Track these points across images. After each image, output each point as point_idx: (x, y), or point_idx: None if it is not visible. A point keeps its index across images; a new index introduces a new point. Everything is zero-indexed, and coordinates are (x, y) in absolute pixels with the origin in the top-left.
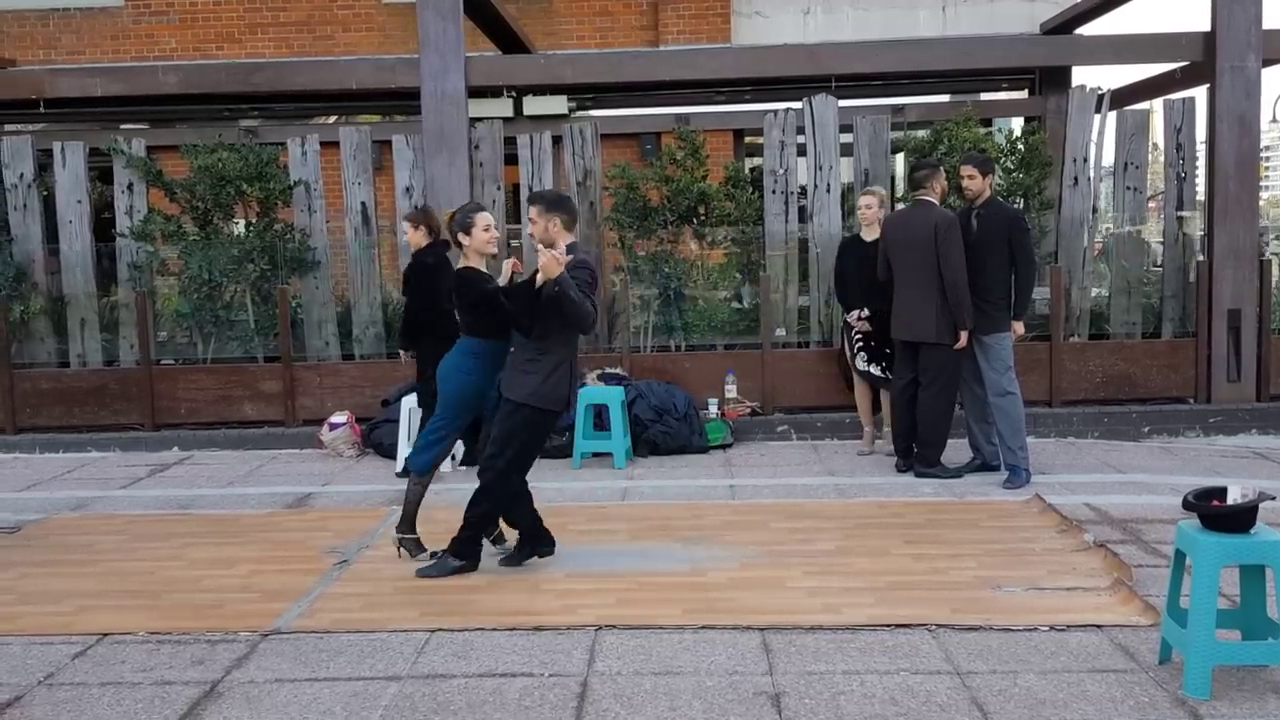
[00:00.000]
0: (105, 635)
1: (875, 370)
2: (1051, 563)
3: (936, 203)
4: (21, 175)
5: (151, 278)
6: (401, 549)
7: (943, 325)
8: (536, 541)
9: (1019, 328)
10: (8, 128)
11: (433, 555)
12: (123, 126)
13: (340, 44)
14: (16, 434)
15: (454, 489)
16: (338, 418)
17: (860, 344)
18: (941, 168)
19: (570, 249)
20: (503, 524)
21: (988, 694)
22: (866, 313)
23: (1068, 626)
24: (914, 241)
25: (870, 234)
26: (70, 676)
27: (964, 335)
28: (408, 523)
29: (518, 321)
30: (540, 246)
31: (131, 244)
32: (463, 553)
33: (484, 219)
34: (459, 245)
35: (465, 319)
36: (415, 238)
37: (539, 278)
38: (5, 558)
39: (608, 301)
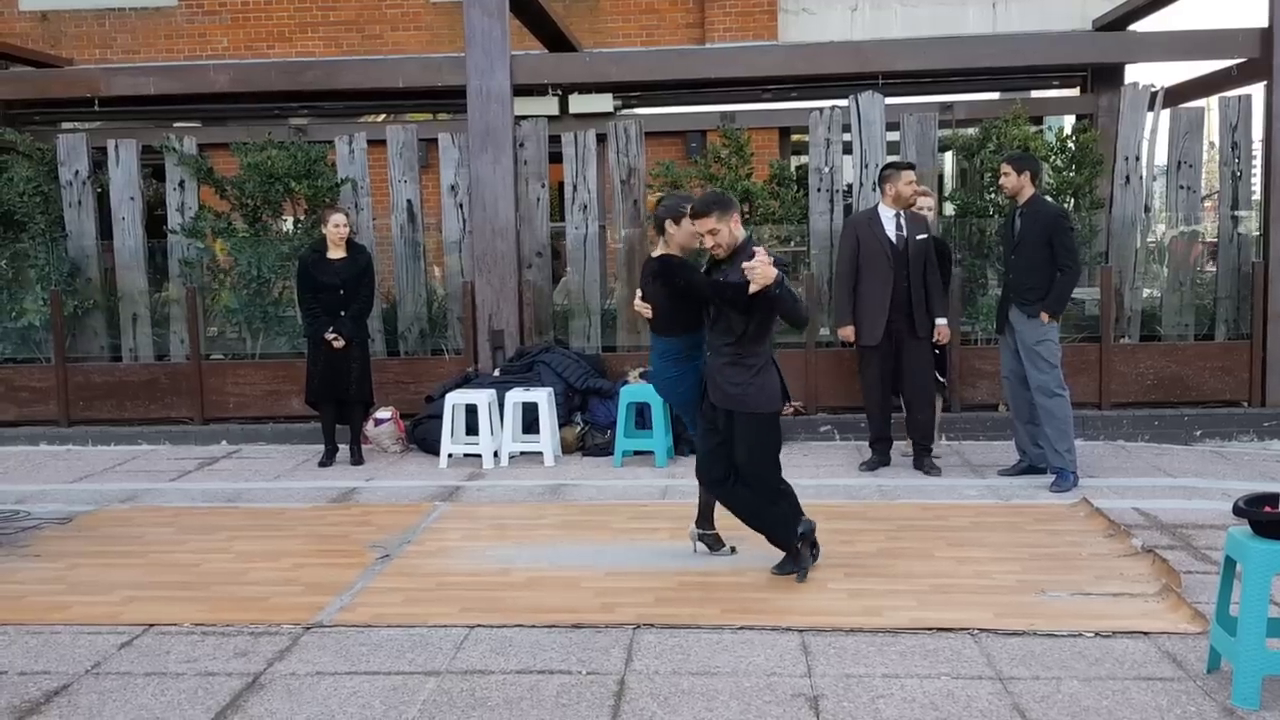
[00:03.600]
0: (151, 626)
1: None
2: (1098, 568)
3: (889, 208)
4: (77, 172)
5: (202, 274)
6: (699, 543)
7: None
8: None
9: (1044, 316)
10: (64, 126)
11: (733, 549)
12: (175, 124)
13: (388, 43)
14: (70, 426)
15: (496, 485)
16: (382, 413)
17: None
18: (903, 170)
19: (747, 244)
20: (718, 527)
21: (1030, 700)
22: (944, 320)
23: (1113, 633)
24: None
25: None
26: (116, 666)
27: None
28: (705, 519)
29: (732, 310)
30: (760, 254)
31: (183, 240)
32: (791, 551)
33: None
34: (662, 232)
35: (659, 312)
36: None
37: (753, 285)
38: (57, 548)
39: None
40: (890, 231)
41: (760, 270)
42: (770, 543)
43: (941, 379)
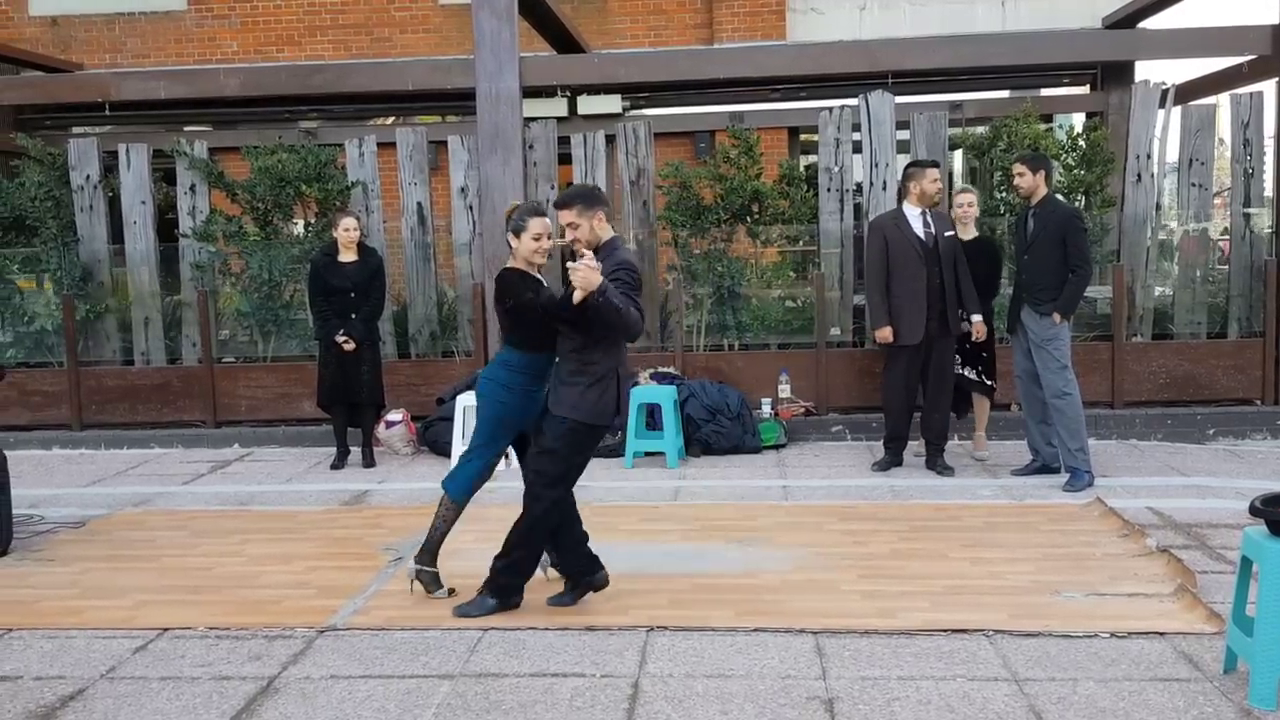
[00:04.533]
0: (165, 630)
1: (969, 373)
2: (1112, 568)
3: (914, 206)
4: (88, 177)
5: (214, 277)
6: (416, 581)
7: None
8: (586, 574)
9: (1056, 316)
10: (75, 130)
11: (450, 591)
12: (185, 128)
13: (397, 46)
14: (83, 430)
15: (505, 486)
16: (393, 416)
17: (955, 346)
18: (927, 168)
19: (610, 245)
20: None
21: (1046, 702)
22: (980, 317)
23: (1129, 633)
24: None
25: (967, 233)
26: (131, 670)
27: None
28: (429, 554)
29: (575, 330)
30: (581, 253)
31: (194, 244)
32: (501, 593)
33: (538, 225)
34: (509, 245)
35: (504, 325)
36: None
37: (577, 294)
38: (70, 552)
39: (660, 300)
40: (919, 230)
41: (581, 273)
42: (492, 566)
43: (990, 382)
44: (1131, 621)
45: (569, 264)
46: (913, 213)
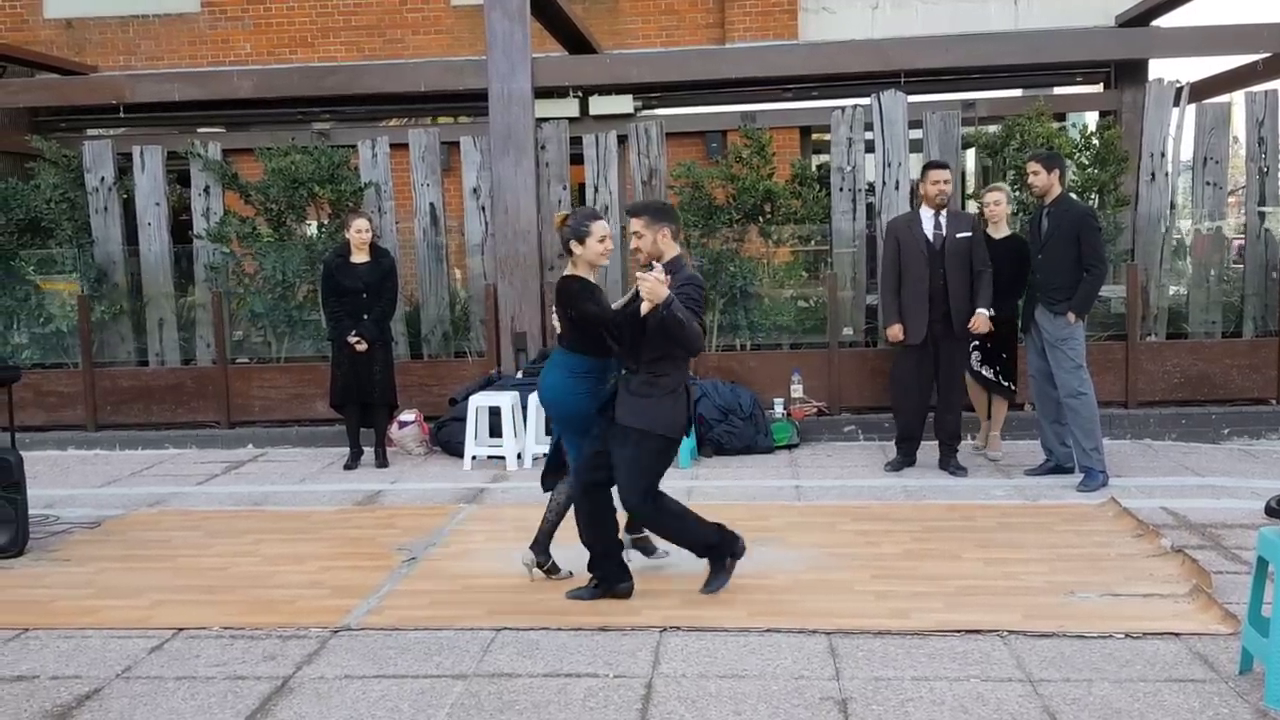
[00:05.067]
0: (180, 630)
1: (987, 372)
2: (1127, 568)
3: (927, 208)
4: (103, 179)
5: (228, 278)
6: (535, 569)
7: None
8: (614, 581)
9: (1070, 316)
10: (89, 132)
11: (569, 573)
12: (199, 130)
13: (410, 47)
14: (98, 431)
15: (518, 487)
16: (406, 416)
17: (975, 344)
18: (929, 170)
19: (674, 263)
20: (648, 530)
21: (1061, 703)
22: (990, 312)
23: (1144, 634)
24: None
25: (998, 231)
26: (146, 670)
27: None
28: (540, 544)
29: (623, 350)
30: (653, 265)
31: (208, 245)
32: (606, 580)
33: (601, 228)
34: (569, 252)
35: (567, 333)
36: None
37: (644, 305)
38: (86, 552)
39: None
40: (928, 231)
41: (649, 285)
42: (589, 562)
43: (1008, 383)
44: (1146, 622)
45: (639, 274)
46: (926, 214)
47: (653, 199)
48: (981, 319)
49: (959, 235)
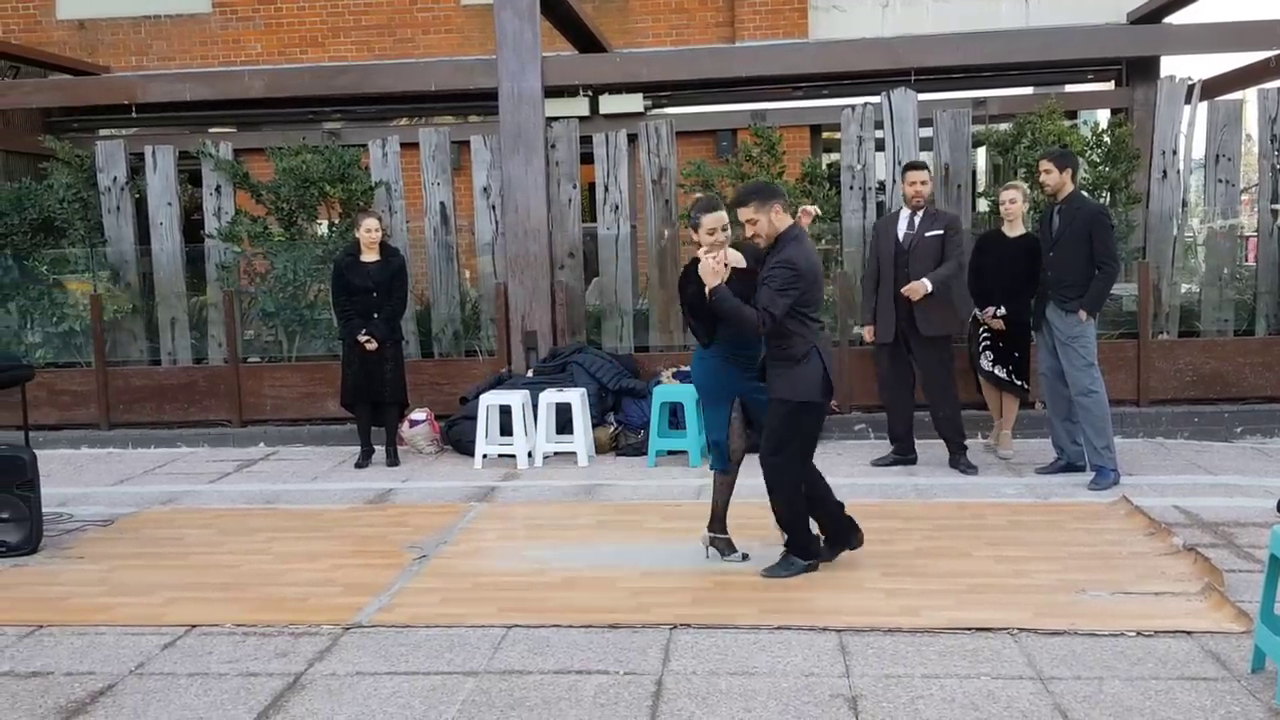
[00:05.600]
0: (193, 627)
1: (999, 372)
2: (1139, 566)
3: (907, 207)
4: (115, 178)
5: (239, 278)
6: (711, 547)
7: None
8: (841, 537)
9: (1082, 314)
10: (102, 132)
11: (744, 556)
12: (211, 130)
13: (420, 46)
14: (110, 429)
15: (528, 485)
16: (417, 414)
17: (987, 343)
18: (906, 170)
19: (784, 237)
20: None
21: (1072, 700)
22: (1002, 311)
23: (1156, 632)
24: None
25: (1013, 230)
26: (160, 666)
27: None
28: (718, 521)
29: (702, 327)
30: (718, 251)
31: (219, 245)
32: (802, 551)
33: (711, 220)
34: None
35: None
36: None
37: (707, 289)
38: (99, 550)
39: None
40: (900, 230)
41: (705, 270)
42: (785, 542)
43: (1020, 382)
44: (1158, 620)
45: (700, 254)
46: (904, 213)
47: (754, 182)
48: (918, 286)
49: (928, 234)
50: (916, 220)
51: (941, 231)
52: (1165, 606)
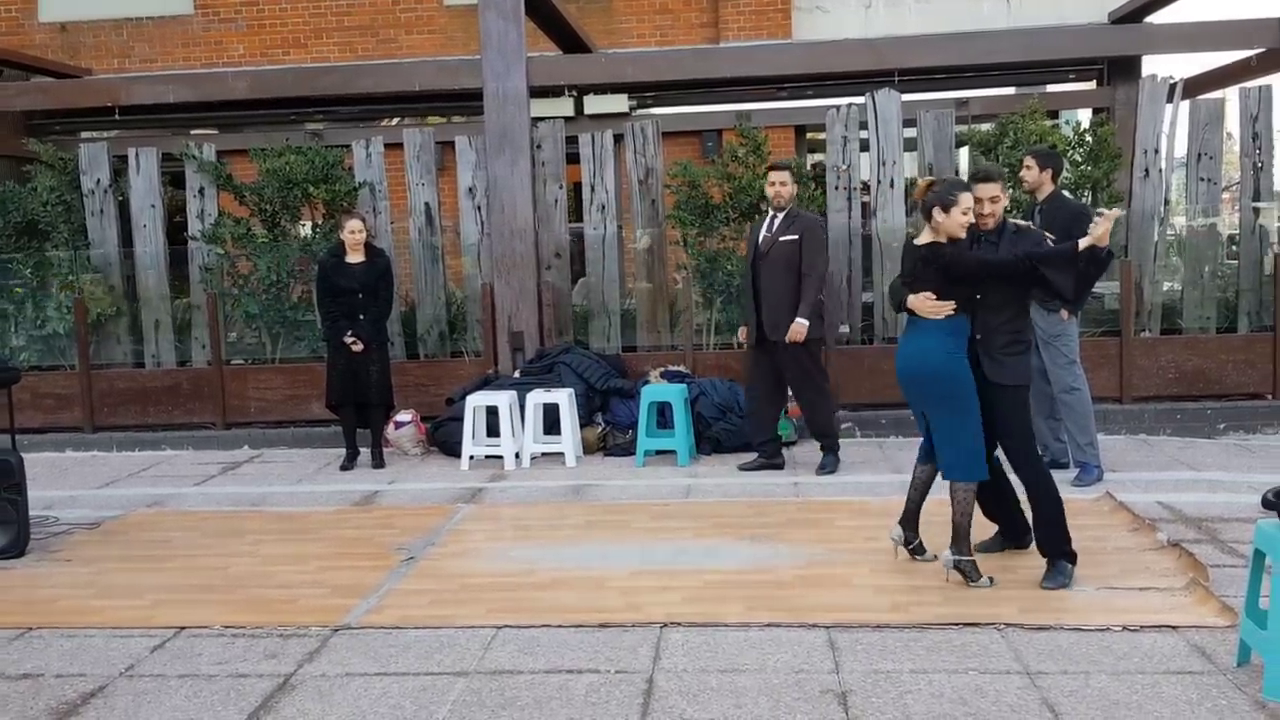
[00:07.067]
0: (182, 629)
1: None
2: (1123, 562)
3: (775, 210)
4: (98, 181)
5: (222, 280)
6: (955, 571)
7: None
8: (1013, 533)
9: (1063, 313)
10: (84, 135)
11: (990, 580)
12: (193, 131)
13: (403, 47)
14: (95, 432)
15: (517, 486)
16: (403, 416)
17: None
18: (768, 171)
19: (1005, 220)
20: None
21: (1059, 695)
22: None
23: (1141, 627)
24: None
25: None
26: (150, 668)
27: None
28: (963, 541)
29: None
30: (1105, 214)
31: (203, 247)
32: (1067, 556)
33: (968, 200)
34: (928, 219)
35: (942, 294)
36: None
37: (1083, 242)
38: (86, 553)
39: (670, 299)
40: (761, 233)
41: (1106, 226)
42: (1040, 541)
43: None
44: (1143, 615)
45: (1101, 211)
46: (770, 215)
47: (988, 164)
48: (798, 329)
49: (784, 239)
50: (776, 223)
51: (797, 237)
52: (1150, 602)
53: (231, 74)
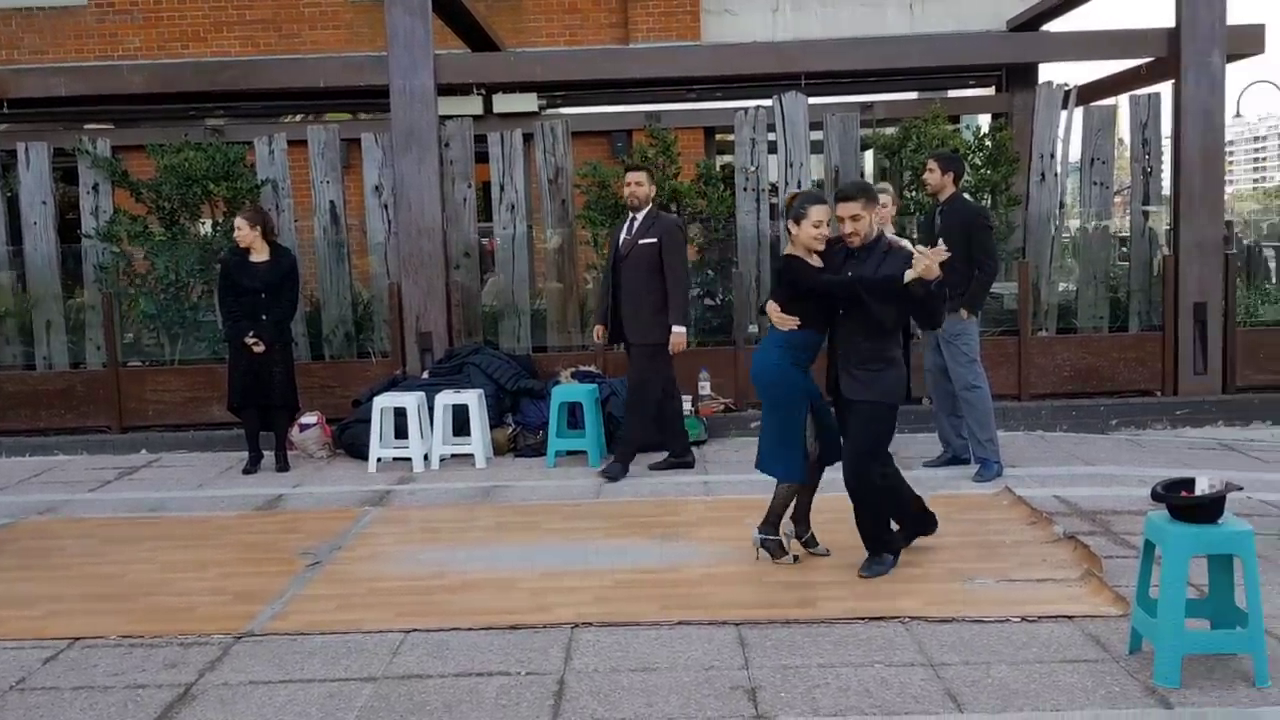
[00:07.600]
0: (77, 639)
1: None
2: (1022, 555)
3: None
4: None
5: (118, 279)
6: (762, 549)
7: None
8: (919, 525)
9: (963, 312)
10: None
11: (795, 558)
12: (87, 126)
13: (307, 42)
14: None
15: (425, 489)
16: (308, 418)
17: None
18: (625, 171)
19: (879, 239)
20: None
21: (961, 685)
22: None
23: (1039, 618)
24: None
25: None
26: (42, 681)
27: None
28: (770, 524)
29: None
30: (927, 252)
31: (97, 245)
32: (889, 549)
33: (819, 213)
34: (788, 231)
35: (788, 308)
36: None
37: (908, 274)
38: None
39: (580, 299)
40: (621, 234)
41: (930, 261)
42: (867, 539)
43: None
44: (1041, 606)
45: (918, 249)
46: (630, 217)
47: (859, 180)
48: (678, 339)
49: (643, 242)
50: (635, 224)
51: (656, 240)
52: (1047, 593)
53: (127, 67)
